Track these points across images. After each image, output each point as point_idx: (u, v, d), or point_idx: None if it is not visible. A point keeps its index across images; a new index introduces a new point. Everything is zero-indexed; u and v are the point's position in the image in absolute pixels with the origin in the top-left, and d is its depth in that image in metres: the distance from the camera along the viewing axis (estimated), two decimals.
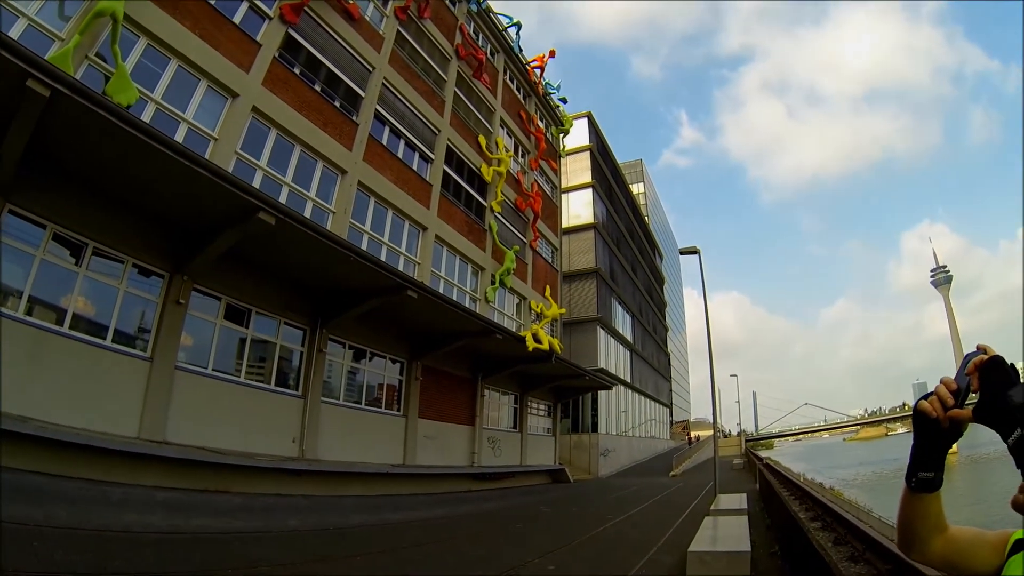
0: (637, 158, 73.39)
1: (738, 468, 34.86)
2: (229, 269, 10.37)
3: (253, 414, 10.82)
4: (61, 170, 8.06)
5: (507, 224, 22.90)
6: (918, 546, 1.15)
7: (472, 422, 18.41)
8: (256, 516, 8.62)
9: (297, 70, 13.34)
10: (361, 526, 9.64)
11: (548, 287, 25.52)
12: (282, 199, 11.99)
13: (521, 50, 26.87)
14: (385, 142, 16.21)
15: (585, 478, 27.26)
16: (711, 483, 16.31)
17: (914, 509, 1.12)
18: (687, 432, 71.21)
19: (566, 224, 32.72)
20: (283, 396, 11.66)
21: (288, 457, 11.15)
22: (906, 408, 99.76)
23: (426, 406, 16.03)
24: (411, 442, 15.11)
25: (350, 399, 13.79)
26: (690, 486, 22.42)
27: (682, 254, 18.69)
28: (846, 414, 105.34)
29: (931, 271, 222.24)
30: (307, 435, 11.71)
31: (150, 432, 8.71)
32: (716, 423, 20.78)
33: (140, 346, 9.12)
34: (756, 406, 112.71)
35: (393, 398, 15.26)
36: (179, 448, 8.87)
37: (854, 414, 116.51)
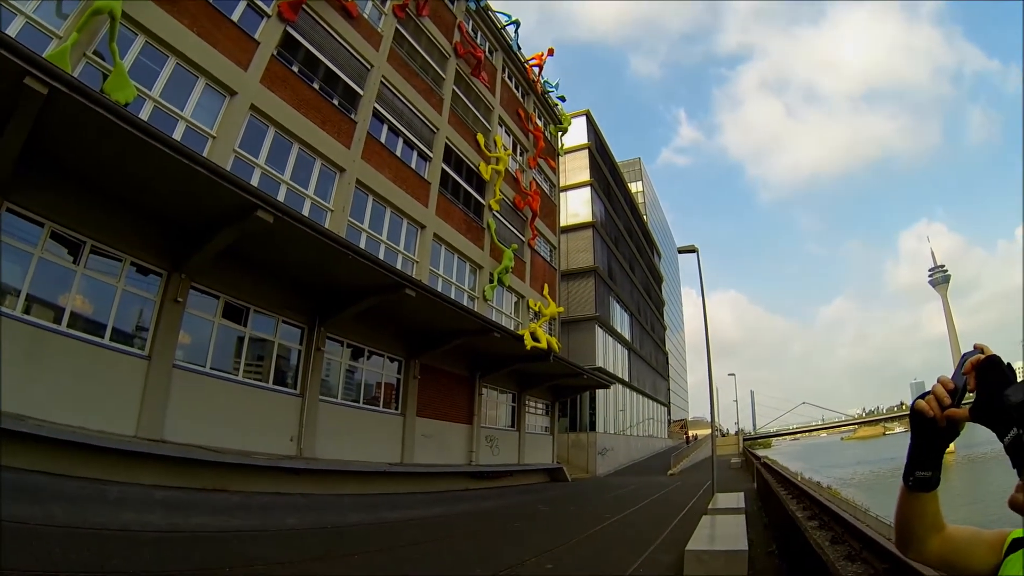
0: (635, 157, 73.54)
1: (736, 467, 34.89)
2: (227, 267, 10.36)
3: (251, 413, 10.81)
4: (59, 168, 8.04)
5: (505, 222, 22.90)
6: (915, 545, 1.15)
7: (470, 421, 18.42)
8: (254, 515, 8.61)
9: (295, 68, 13.31)
10: (359, 525, 9.64)
11: (546, 286, 25.53)
12: (280, 197, 11.98)
13: (520, 48, 26.85)
14: (383, 140, 16.20)
15: (583, 477, 27.29)
16: (709, 482, 16.35)
17: (911, 508, 1.13)
18: (685, 431, 71.24)
19: (564, 223, 32.72)
20: (281, 394, 11.65)
21: (286, 456, 11.14)
22: (903, 407, 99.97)
23: (424, 405, 16.04)
24: (409, 441, 15.11)
25: (348, 398, 13.78)
26: (688, 485, 22.44)
27: (680, 253, 18.73)
28: (844, 413, 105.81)
29: (929, 271, 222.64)
30: (305, 434, 11.71)
31: (148, 431, 8.70)
32: (714, 422, 20.83)
33: (138, 344, 9.10)
34: (754, 405, 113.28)
35: (391, 397, 15.26)
36: (177, 447, 8.86)
37: (852, 413, 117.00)
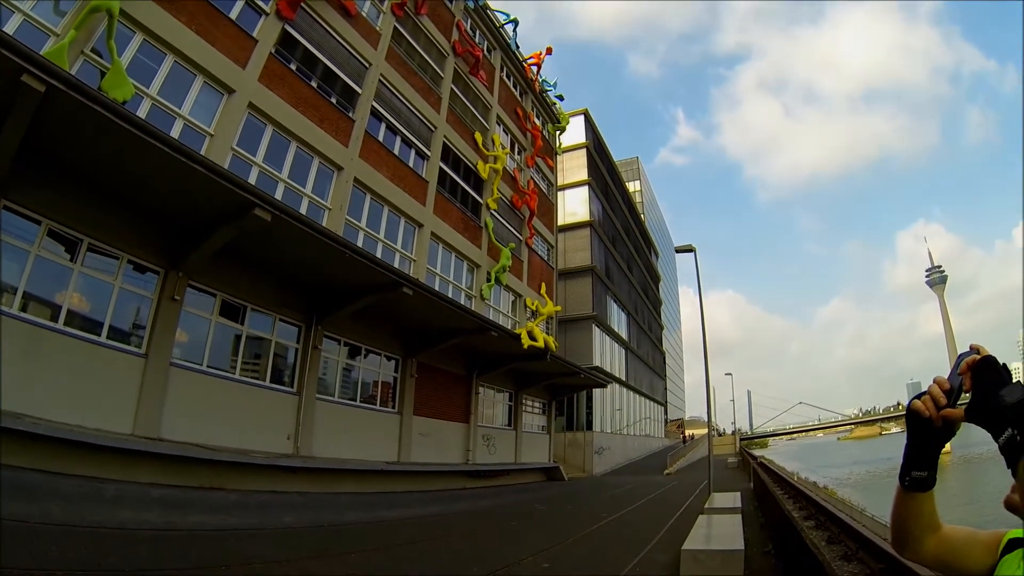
0: (633, 156, 73.20)
1: (732, 467, 34.95)
2: (225, 265, 10.35)
3: (248, 411, 10.81)
4: (56, 166, 8.02)
5: (503, 221, 22.90)
6: (912, 545, 1.16)
7: (467, 419, 18.42)
8: (251, 513, 8.60)
9: (293, 66, 13.29)
10: (356, 523, 9.64)
11: (544, 284, 25.54)
12: (278, 195, 11.96)
13: (518, 47, 26.84)
14: (381, 139, 16.18)
15: (580, 476, 27.31)
16: (705, 481, 16.37)
17: (908, 508, 1.13)
18: (682, 430, 71.34)
19: (562, 221, 32.74)
20: (278, 393, 11.65)
21: (283, 454, 11.14)
22: (900, 408, 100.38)
23: (421, 403, 16.04)
24: (406, 439, 15.12)
25: (345, 396, 13.78)
26: (684, 484, 22.48)
27: (678, 252, 18.70)
28: (841, 413, 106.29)
29: (926, 271, 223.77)
30: (302, 432, 11.71)
31: (145, 429, 8.69)
32: (710, 422, 20.88)
33: (135, 342, 9.09)
34: (751, 405, 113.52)
35: (388, 395, 15.26)
36: (174, 445, 8.85)
37: (848, 413, 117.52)
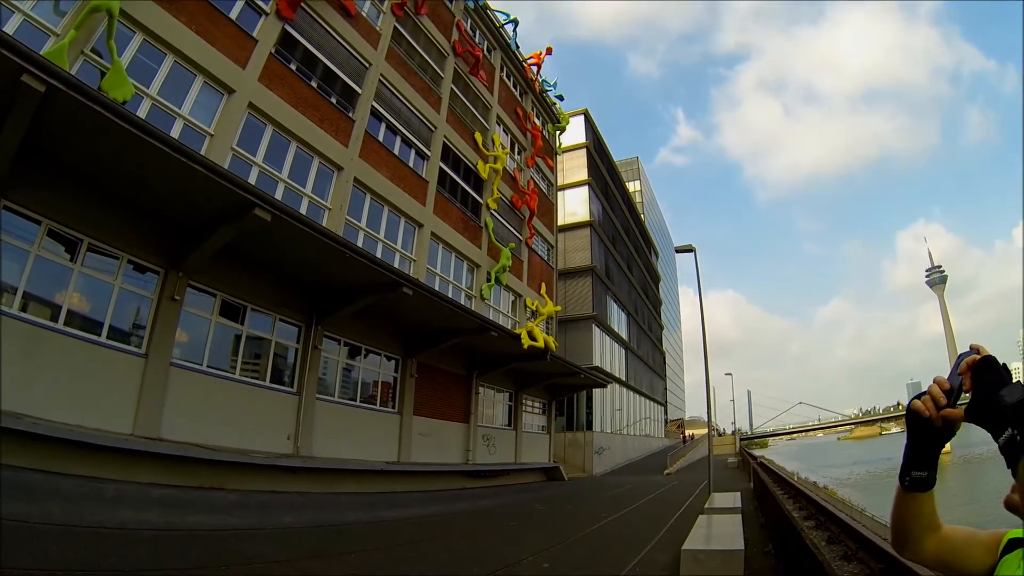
0: (633, 156, 73.19)
1: (732, 467, 34.95)
2: (225, 265, 10.35)
3: (248, 411, 10.81)
4: (56, 166, 8.02)
5: (503, 221, 22.90)
6: (912, 545, 1.16)
7: (467, 419, 18.43)
8: (251, 513, 8.60)
9: (293, 66, 13.29)
10: (356, 523, 9.63)
11: (543, 284, 25.54)
12: (278, 195, 11.96)
13: (518, 47, 26.84)
14: (381, 139, 16.18)
15: (580, 476, 27.32)
16: (705, 481, 16.37)
17: (908, 508, 1.13)
18: (682, 430, 71.36)
19: (562, 221, 32.74)
20: (278, 393, 11.65)
21: (283, 454, 11.14)
22: (900, 408, 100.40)
23: (421, 403, 16.04)
24: (406, 439, 15.12)
25: (345, 396, 13.78)
26: (684, 484, 22.48)
27: (678, 252, 18.70)
28: (841, 413, 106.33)
29: (926, 271, 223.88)
30: (302, 432, 11.71)
31: (145, 429, 8.69)
32: (710, 422, 20.88)
33: (135, 342, 9.09)
34: (751, 405, 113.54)
35: (388, 395, 15.26)
36: (174, 445, 8.85)
37: (849, 413, 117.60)
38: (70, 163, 8.10)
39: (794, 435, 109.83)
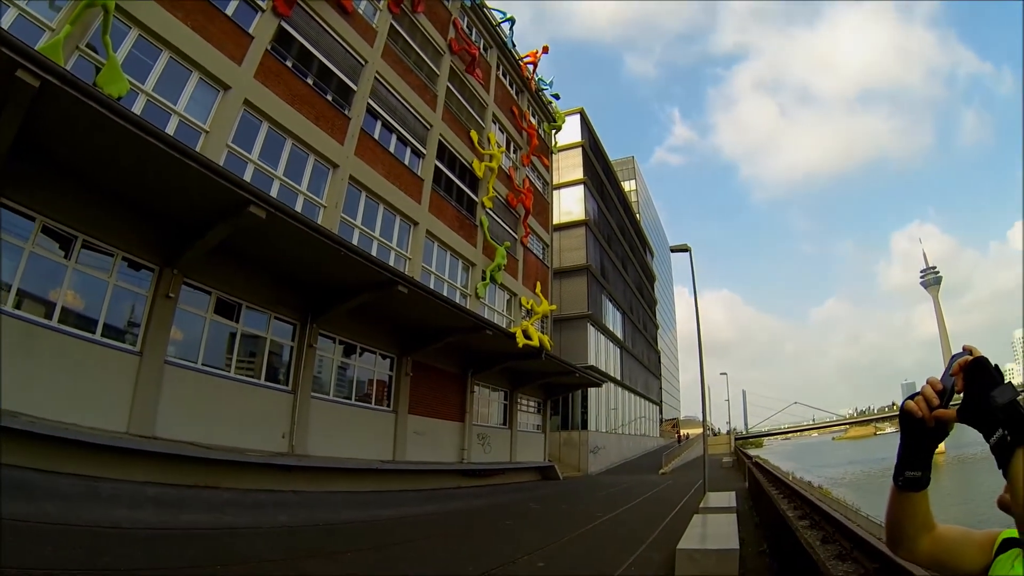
0: (629, 155, 73.13)
1: (727, 466, 35.08)
2: (220, 263, 10.31)
3: (243, 409, 10.77)
4: (51, 162, 7.97)
5: (498, 220, 22.89)
6: (906, 544, 1.17)
7: (462, 418, 18.42)
8: (246, 512, 8.59)
9: (289, 63, 13.24)
10: (351, 522, 9.63)
11: (539, 283, 25.56)
12: (273, 193, 11.92)
13: (514, 45, 26.82)
14: (377, 136, 16.14)
15: (575, 475, 27.37)
16: (700, 481, 16.42)
17: (902, 508, 1.14)
18: (677, 430, 71.56)
19: (557, 220, 32.74)
20: (273, 391, 11.62)
21: (278, 453, 11.11)
22: (895, 408, 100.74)
23: (416, 402, 16.03)
24: (401, 438, 15.10)
25: (340, 394, 13.76)
26: (679, 484, 22.57)
27: (673, 252, 18.74)
28: (835, 413, 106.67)
29: (921, 272, 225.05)
30: (297, 431, 11.68)
31: (139, 427, 8.65)
32: (705, 421, 20.90)
33: (129, 340, 9.04)
34: (746, 404, 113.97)
35: (383, 394, 15.25)
36: (169, 443, 8.81)
37: (843, 413, 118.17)
38: (65, 159, 8.06)
39: (789, 435, 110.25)
